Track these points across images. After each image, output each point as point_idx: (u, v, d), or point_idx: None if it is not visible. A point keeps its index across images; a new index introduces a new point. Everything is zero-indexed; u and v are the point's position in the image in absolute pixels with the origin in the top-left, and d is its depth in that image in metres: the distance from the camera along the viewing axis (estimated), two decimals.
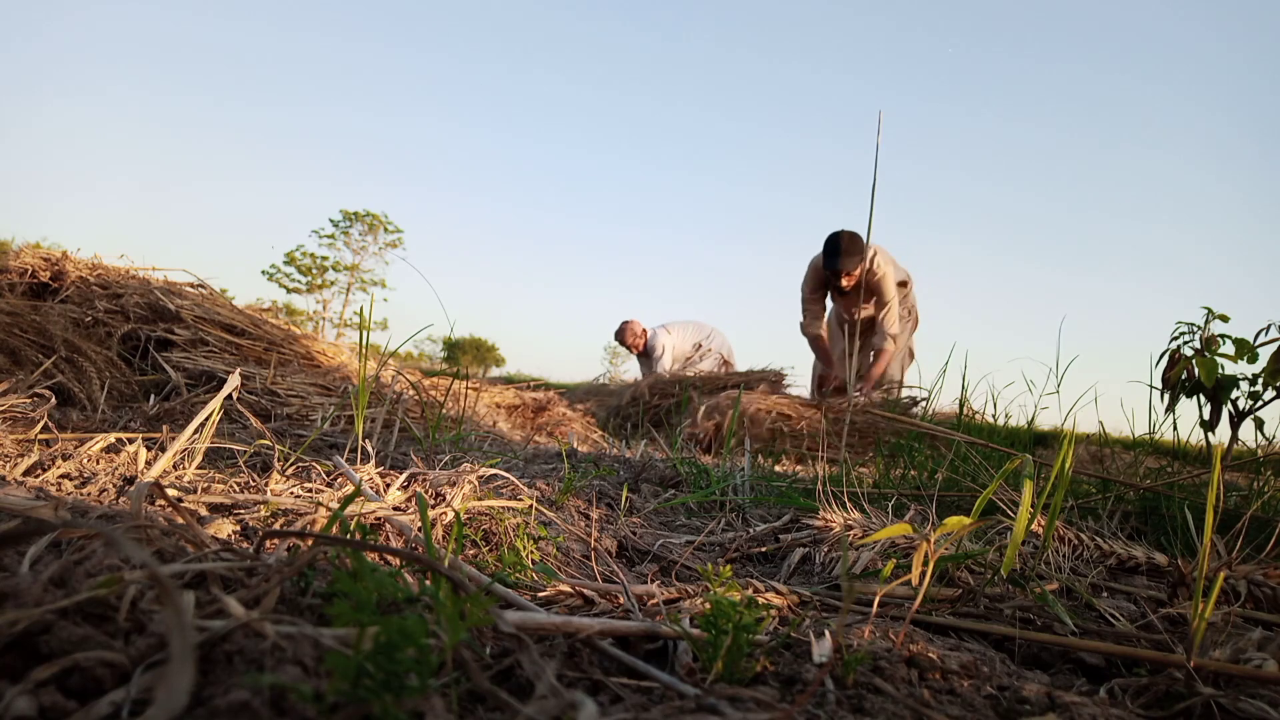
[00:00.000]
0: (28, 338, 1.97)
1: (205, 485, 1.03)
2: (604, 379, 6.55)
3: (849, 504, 1.28)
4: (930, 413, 2.97)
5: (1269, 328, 1.40)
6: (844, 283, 4.01)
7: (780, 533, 1.25)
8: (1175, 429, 1.61)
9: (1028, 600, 0.87)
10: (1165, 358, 1.54)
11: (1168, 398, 1.53)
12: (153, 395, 1.96)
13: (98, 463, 1.12)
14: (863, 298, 2.81)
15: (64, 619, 0.46)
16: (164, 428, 1.29)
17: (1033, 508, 0.87)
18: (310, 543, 0.64)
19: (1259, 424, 1.46)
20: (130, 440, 1.24)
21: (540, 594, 0.79)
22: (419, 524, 0.91)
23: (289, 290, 32.60)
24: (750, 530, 1.29)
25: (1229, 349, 1.44)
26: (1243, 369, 1.44)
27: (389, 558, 0.83)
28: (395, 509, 0.96)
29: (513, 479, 1.24)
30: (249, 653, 0.45)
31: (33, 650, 0.44)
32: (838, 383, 4.52)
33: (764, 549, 1.19)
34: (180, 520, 0.72)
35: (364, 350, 1.41)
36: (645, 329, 6.10)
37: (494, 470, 1.27)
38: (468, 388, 3.05)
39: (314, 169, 59.38)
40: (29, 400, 1.55)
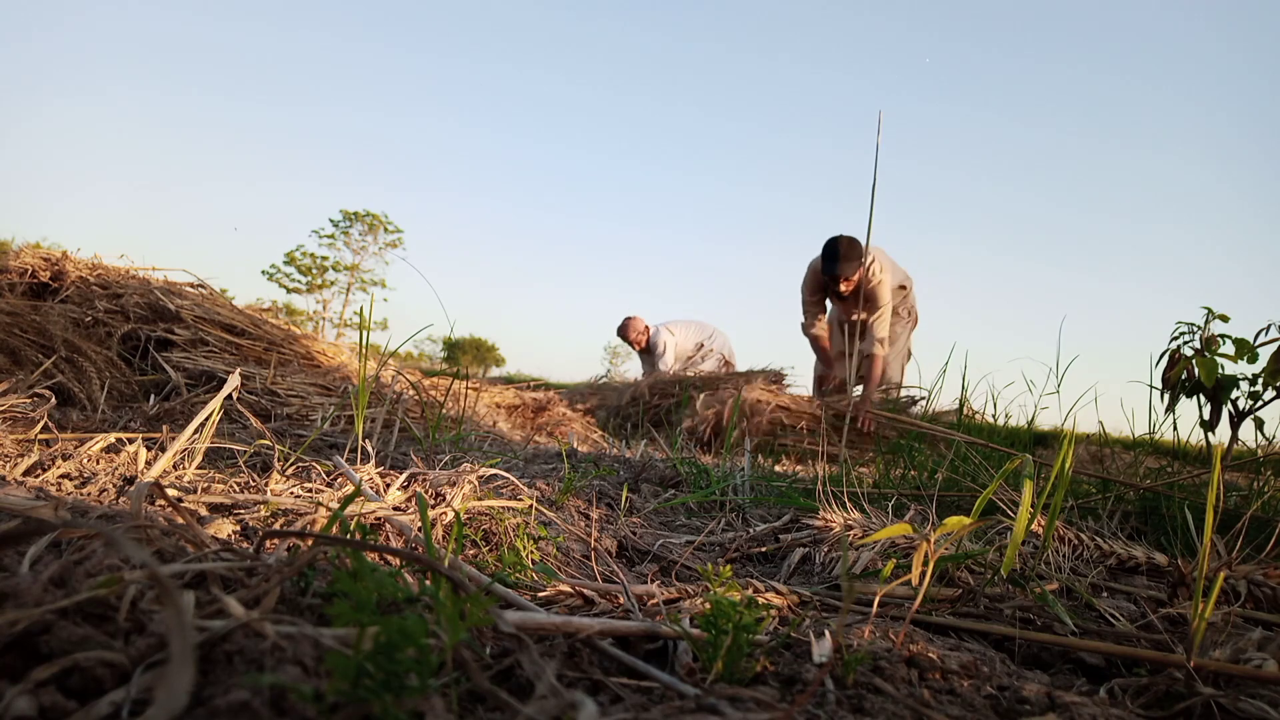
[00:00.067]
0: (28, 338, 1.97)
1: (205, 485, 1.03)
2: (604, 379, 6.53)
3: (849, 504, 1.28)
4: (930, 412, 2.98)
5: (1269, 328, 1.40)
6: (842, 288, 4.03)
7: (780, 533, 1.25)
8: (1175, 429, 1.61)
9: (1028, 600, 0.87)
10: (1165, 358, 1.54)
11: (1168, 398, 1.53)
12: (153, 395, 1.96)
13: (98, 463, 1.12)
14: (860, 303, 2.85)
15: (64, 619, 0.46)
16: (164, 428, 1.29)
17: (1033, 508, 0.87)
18: (310, 543, 0.64)
19: (1259, 424, 1.46)
20: (130, 440, 1.24)
21: (540, 594, 0.79)
22: (419, 524, 0.91)
23: (289, 290, 32.63)
24: (750, 530, 1.29)
25: (1229, 349, 1.44)
26: (1243, 369, 1.44)
27: (389, 558, 0.83)
28: (395, 509, 0.96)
29: (513, 479, 1.24)
30: (249, 653, 0.45)
31: (33, 650, 0.44)
32: (837, 382, 4.53)
33: (764, 549, 1.19)
34: (180, 520, 0.72)
35: (364, 350, 1.41)
36: (648, 326, 6.09)
37: (494, 470, 1.27)
38: (468, 388, 3.05)
39: (314, 169, 59.45)
40: (29, 400, 1.55)
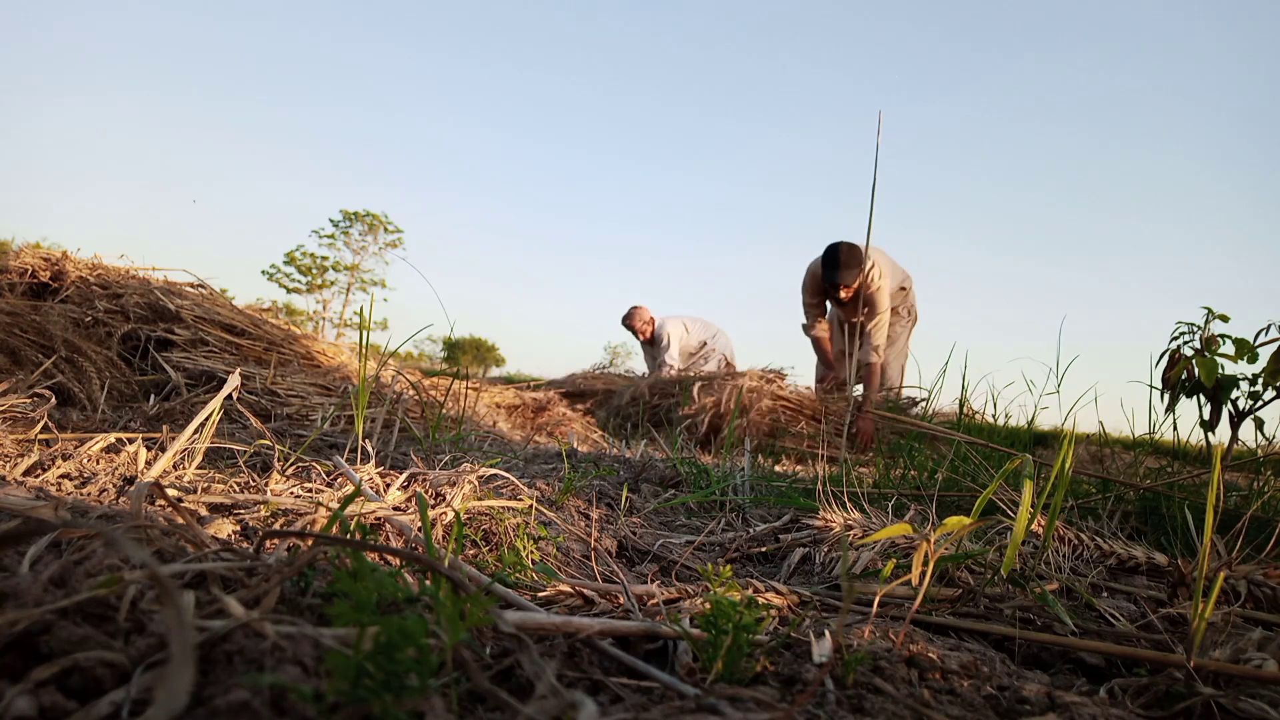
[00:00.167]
0: (28, 338, 1.97)
1: (205, 485, 1.03)
2: (606, 367, 6.48)
3: (849, 504, 1.28)
4: (930, 413, 2.98)
5: (1269, 328, 1.40)
6: (842, 295, 4.05)
7: (780, 533, 1.25)
8: (1175, 429, 1.61)
9: (1028, 600, 0.87)
10: (1165, 358, 1.54)
11: (1168, 398, 1.53)
12: (153, 395, 1.96)
13: (98, 463, 1.12)
14: (860, 308, 2.87)
15: (64, 619, 0.46)
16: (164, 428, 1.29)
17: (1033, 508, 0.87)
18: (310, 543, 0.64)
19: (1259, 424, 1.46)
20: (130, 440, 1.24)
21: (540, 594, 0.79)
22: (419, 524, 0.91)
23: (289, 290, 32.64)
24: (750, 530, 1.29)
25: (1229, 349, 1.44)
26: (1243, 369, 1.44)
27: (389, 558, 0.83)
28: (395, 509, 0.96)
29: (513, 479, 1.24)
30: (249, 653, 0.45)
31: (33, 650, 0.44)
32: (837, 381, 4.53)
33: (764, 549, 1.19)
34: (180, 520, 0.72)
35: (364, 350, 1.41)
36: (654, 317, 6.07)
37: (494, 470, 1.27)
38: (468, 388, 3.05)
39: (314, 169, 59.44)
40: (29, 400, 1.55)
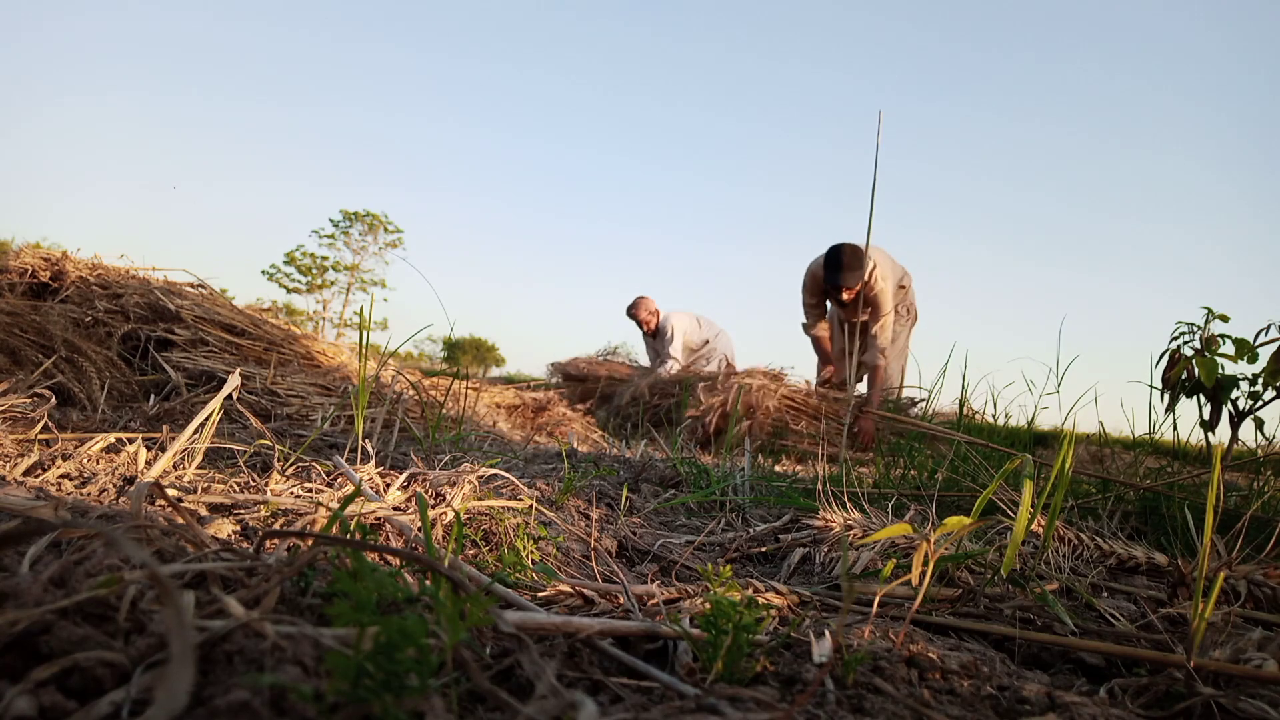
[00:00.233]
0: (28, 338, 1.97)
1: (205, 485, 1.03)
2: (610, 354, 6.43)
3: (849, 504, 1.28)
4: (930, 412, 2.98)
5: (1269, 328, 1.40)
6: (844, 296, 4.03)
7: (780, 533, 1.25)
8: (1175, 429, 1.61)
9: (1028, 600, 0.87)
10: (1165, 358, 1.54)
11: (1168, 398, 1.53)
12: (153, 395, 1.96)
13: (98, 463, 1.12)
14: (861, 309, 2.84)
15: (64, 619, 0.46)
16: (164, 428, 1.29)
17: (1033, 508, 0.87)
18: (310, 543, 0.64)
19: (1259, 424, 1.46)
20: (130, 440, 1.24)
21: (540, 594, 0.79)
22: (419, 524, 0.91)
23: (289, 290, 32.62)
24: (750, 530, 1.29)
25: (1229, 349, 1.44)
26: (1243, 369, 1.44)
27: (389, 558, 0.83)
28: (395, 509, 0.96)
29: (513, 479, 1.24)
30: (249, 653, 0.45)
31: (33, 650, 0.44)
32: (837, 380, 4.54)
33: (764, 549, 1.19)
34: (180, 520, 0.72)
35: (364, 350, 1.41)
36: (659, 309, 6.06)
37: (494, 470, 1.27)
38: (468, 388, 3.05)
39: (314, 169, 59.37)
40: (29, 400, 1.55)
